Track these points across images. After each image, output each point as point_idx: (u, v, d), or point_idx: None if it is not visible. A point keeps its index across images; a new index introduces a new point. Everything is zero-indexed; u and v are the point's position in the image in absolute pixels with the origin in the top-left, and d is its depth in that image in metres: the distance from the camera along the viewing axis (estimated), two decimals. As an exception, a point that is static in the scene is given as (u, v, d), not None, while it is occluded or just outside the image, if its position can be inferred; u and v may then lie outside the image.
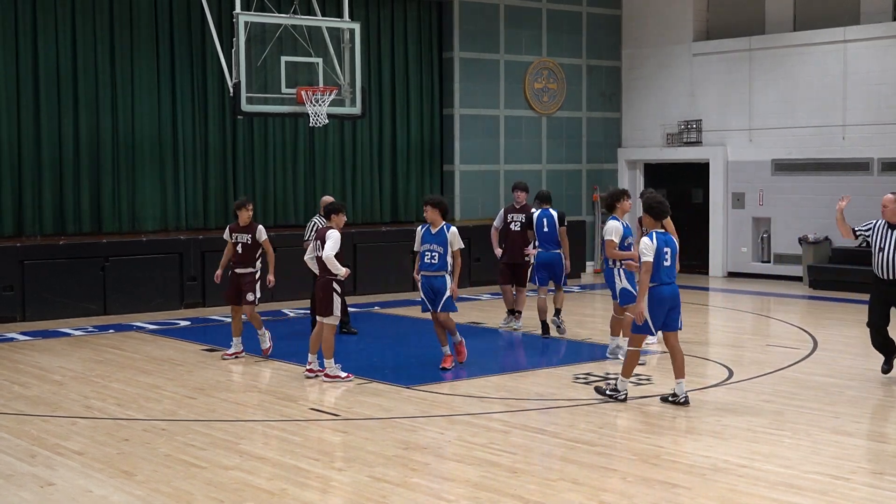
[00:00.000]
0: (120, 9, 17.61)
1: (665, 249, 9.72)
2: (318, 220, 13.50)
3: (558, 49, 22.18)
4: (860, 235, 11.13)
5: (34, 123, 17.00)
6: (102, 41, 17.51)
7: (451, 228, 11.52)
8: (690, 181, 22.13)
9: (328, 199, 13.59)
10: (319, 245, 11.13)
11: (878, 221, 10.97)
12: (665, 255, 9.71)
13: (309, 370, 11.34)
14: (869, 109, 19.30)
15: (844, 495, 7.24)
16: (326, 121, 15.89)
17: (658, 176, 22.75)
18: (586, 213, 22.58)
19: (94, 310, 16.06)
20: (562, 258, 13.86)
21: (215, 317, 15.90)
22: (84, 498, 7.31)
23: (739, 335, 14.71)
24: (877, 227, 10.95)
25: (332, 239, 11.00)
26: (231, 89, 15.57)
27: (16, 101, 16.84)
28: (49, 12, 17.01)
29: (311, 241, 12.26)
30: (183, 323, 15.53)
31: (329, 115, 15.90)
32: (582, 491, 7.35)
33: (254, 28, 15.66)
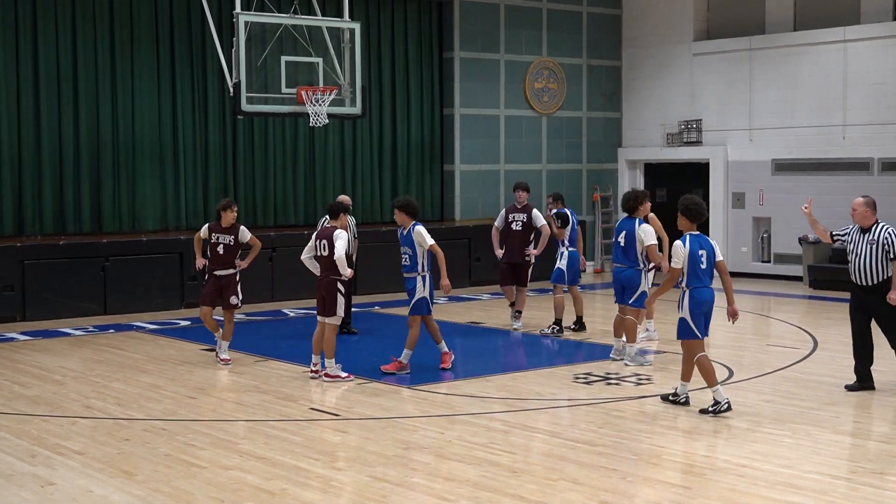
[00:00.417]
0: (120, 9, 17.62)
1: (700, 252, 9.45)
2: (349, 220, 13.68)
3: (558, 49, 22.18)
4: (837, 240, 10.79)
5: (34, 123, 17.00)
6: (102, 41, 17.51)
7: (416, 228, 11.42)
8: (691, 181, 22.11)
9: (346, 198, 13.76)
10: (325, 245, 11.10)
11: (853, 226, 10.61)
12: (700, 258, 9.44)
13: (314, 371, 11.33)
14: (869, 109, 19.29)
15: (845, 495, 7.24)
16: (326, 121, 15.89)
17: (658, 176, 22.75)
18: (587, 213, 22.57)
19: (95, 310, 16.06)
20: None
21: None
22: (84, 498, 7.31)
23: (739, 335, 14.70)
24: (851, 231, 10.60)
25: (342, 239, 11.03)
26: (231, 89, 15.58)
27: (16, 101, 16.84)
28: (49, 12, 17.01)
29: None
30: (183, 323, 15.52)
31: (329, 115, 15.90)
32: (582, 491, 7.35)
33: (254, 28, 15.66)
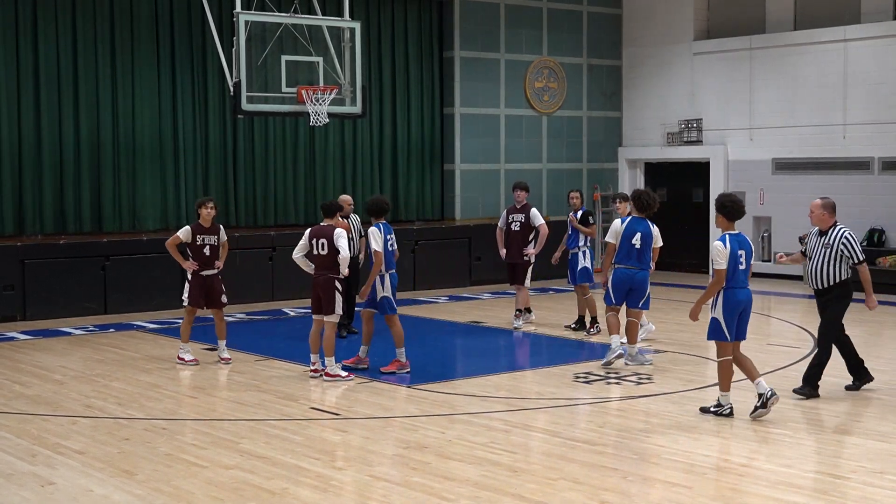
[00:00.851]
0: (120, 9, 17.61)
1: (739, 252, 9.28)
2: (353, 219, 13.80)
3: (559, 48, 22.17)
4: (804, 245, 10.61)
5: (35, 123, 17.00)
6: (103, 41, 17.51)
7: (370, 229, 11.41)
8: (691, 180, 22.12)
9: (347, 197, 13.87)
10: (324, 244, 11.09)
11: (814, 229, 10.44)
12: (740, 259, 9.26)
13: (313, 370, 11.33)
14: (869, 108, 19.29)
15: (845, 494, 7.24)
16: (327, 120, 15.88)
17: (659, 175, 22.75)
18: (587, 213, 22.55)
19: (95, 309, 16.06)
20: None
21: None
22: (85, 497, 7.31)
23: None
24: (811, 234, 10.45)
25: (344, 238, 11.04)
26: (231, 88, 15.56)
27: (16, 101, 16.83)
28: (49, 12, 17.00)
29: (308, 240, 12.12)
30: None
31: (329, 115, 15.89)
32: (582, 490, 7.35)
33: (254, 27, 15.65)
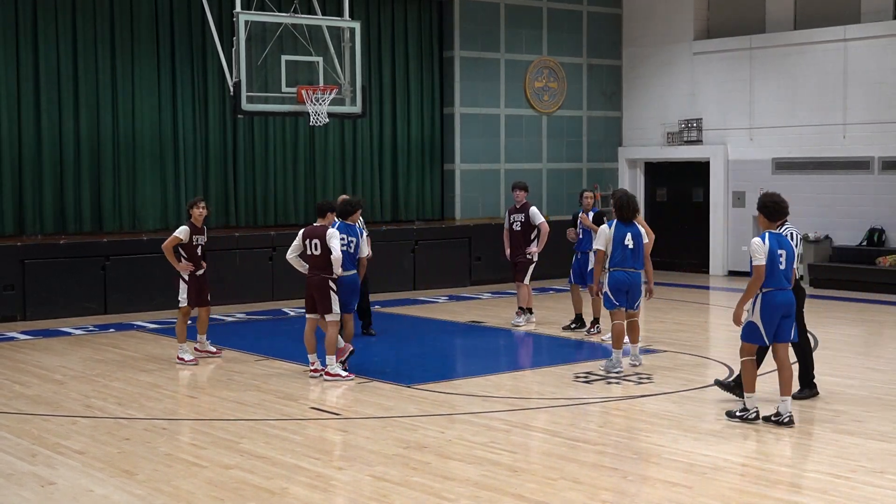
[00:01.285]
0: (120, 8, 17.62)
1: (779, 252, 8.97)
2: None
3: (559, 48, 22.17)
4: None
5: (35, 123, 17.00)
6: (103, 41, 17.51)
7: (328, 230, 11.43)
8: (691, 180, 22.12)
9: (346, 197, 13.77)
10: (317, 244, 11.09)
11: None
12: (779, 258, 8.96)
13: (313, 370, 11.32)
14: (869, 108, 19.29)
15: (845, 494, 7.24)
16: (327, 120, 15.88)
17: (659, 175, 22.76)
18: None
19: (95, 309, 16.06)
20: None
21: (216, 315, 15.87)
22: (85, 497, 7.31)
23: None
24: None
25: (337, 238, 11.02)
26: (231, 88, 15.56)
27: (16, 101, 16.84)
28: (49, 12, 17.00)
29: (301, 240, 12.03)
30: (183, 322, 15.51)
31: (329, 115, 15.89)
32: (582, 490, 7.35)
33: (254, 27, 15.65)
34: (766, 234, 9.04)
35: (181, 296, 12.20)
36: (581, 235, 14.27)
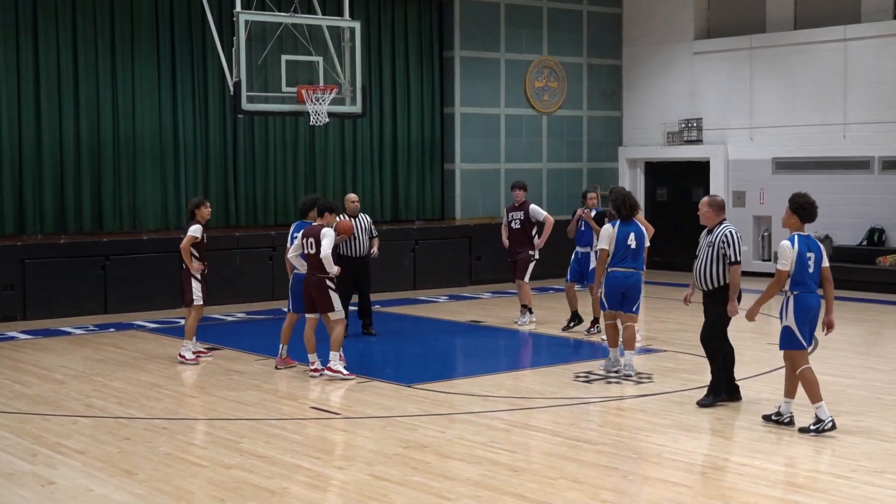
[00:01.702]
0: (120, 8, 17.62)
1: (808, 254, 8.84)
2: (363, 218, 13.81)
3: (559, 48, 22.17)
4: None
5: (35, 122, 17.01)
6: (103, 40, 17.51)
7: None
8: (691, 180, 22.12)
9: (352, 195, 13.93)
10: (312, 243, 11.09)
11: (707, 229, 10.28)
12: (808, 261, 8.81)
13: (313, 369, 11.32)
14: (870, 108, 19.29)
15: (845, 494, 7.24)
16: (327, 119, 15.89)
17: (659, 175, 22.76)
18: (587, 212, 22.56)
19: (95, 308, 16.06)
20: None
21: (216, 315, 15.89)
22: (85, 497, 7.31)
23: (740, 334, 14.69)
24: (702, 234, 10.29)
25: (328, 237, 11.00)
26: (231, 88, 15.57)
27: (16, 101, 16.84)
28: (50, 12, 17.01)
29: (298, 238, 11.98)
30: (183, 322, 15.49)
31: (329, 114, 15.89)
32: (582, 489, 7.35)
33: (254, 27, 15.66)
34: (795, 236, 8.90)
35: (196, 294, 12.28)
36: (583, 228, 14.06)
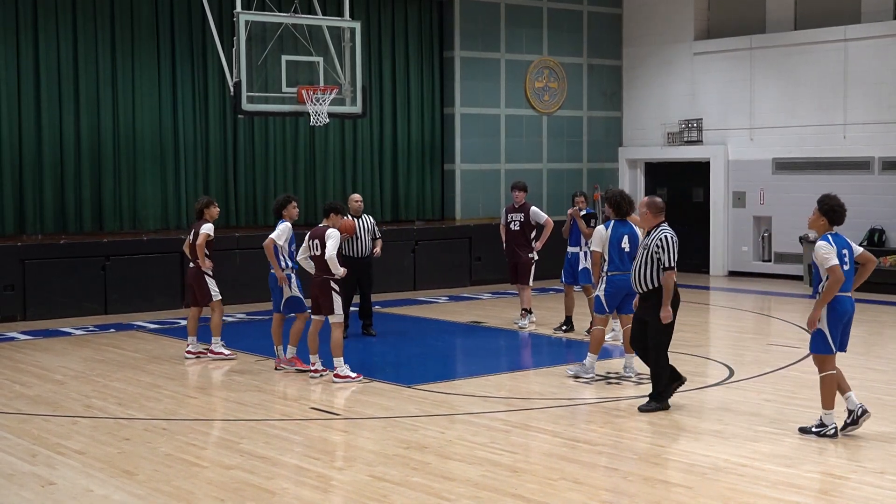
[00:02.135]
0: (121, 8, 17.62)
1: (843, 252, 8.53)
2: (366, 219, 13.88)
3: (559, 48, 22.17)
4: None
5: (35, 123, 17.01)
6: (103, 40, 17.52)
7: (281, 223, 11.84)
8: (691, 180, 22.12)
9: (356, 196, 14.01)
10: (317, 244, 11.10)
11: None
12: (844, 259, 8.51)
13: (314, 370, 11.32)
14: (870, 108, 19.29)
15: (845, 494, 7.24)
16: (327, 120, 15.89)
17: (659, 175, 22.75)
18: (587, 212, 22.55)
19: (95, 309, 16.05)
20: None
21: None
22: (85, 497, 7.31)
23: (740, 334, 14.71)
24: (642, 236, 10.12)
25: (333, 238, 10.99)
26: (232, 88, 15.58)
27: (17, 101, 16.85)
28: (50, 11, 17.01)
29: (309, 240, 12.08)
30: (184, 322, 15.46)
31: (330, 115, 15.89)
32: (582, 490, 7.35)
33: (254, 27, 15.66)
34: (829, 235, 8.65)
35: (214, 290, 12.44)
36: (572, 232, 13.88)
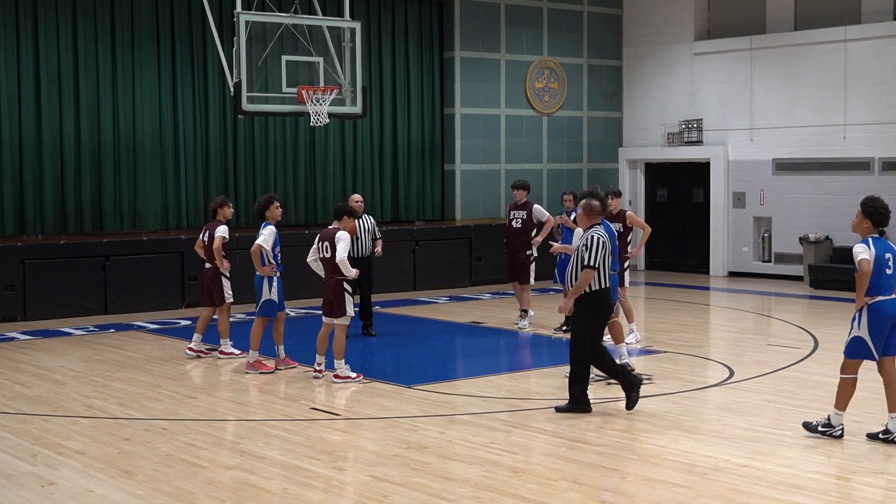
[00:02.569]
0: (121, 8, 17.62)
1: (886, 256, 8.42)
2: (367, 219, 13.94)
3: (559, 48, 22.18)
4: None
5: (35, 123, 17.01)
6: (103, 41, 17.52)
7: (266, 227, 11.78)
8: (691, 181, 22.12)
9: (356, 196, 13.99)
10: (327, 247, 11.07)
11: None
12: (887, 263, 8.41)
13: (317, 371, 11.31)
14: (870, 109, 19.29)
15: (845, 495, 7.24)
16: (327, 120, 15.89)
17: (659, 175, 22.76)
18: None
19: (95, 309, 16.05)
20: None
21: (216, 316, 15.86)
22: (85, 497, 7.32)
23: (740, 335, 14.71)
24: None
25: (344, 241, 10.99)
26: (232, 88, 15.58)
27: (17, 101, 16.85)
28: (50, 12, 17.01)
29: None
30: (184, 322, 15.52)
31: (330, 115, 15.90)
32: (583, 490, 7.36)
33: (254, 27, 15.66)
34: (869, 238, 8.54)
35: (228, 292, 12.54)
36: (563, 235, 14.04)
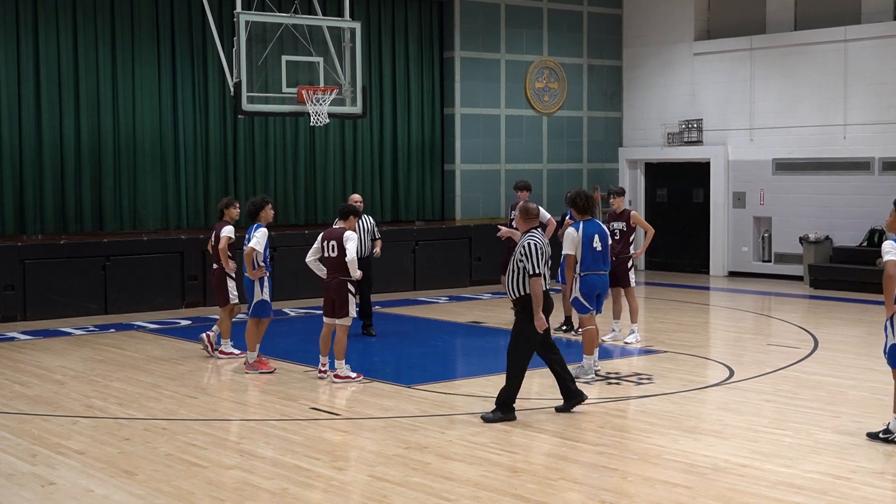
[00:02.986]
0: (121, 8, 17.62)
1: None
2: (366, 219, 13.90)
3: (559, 48, 22.18)
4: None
5: (35, 123, 17.01)
6: (103, 41, 17.52)
7: (258, 229, 11.70)
8: (691, 181, 22.12)
9: (356, 196, 13.95)
10: (334, 246, 11.03)
11: None
12: None
13: (322, 371, 11.30)
14: (870, 109, 19.29)
15: (845, 495, 7.24)
16: (327, 120, 15.90)
17: (659, 175, 22.76)
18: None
19: (95, 309, 16.06)
20: None
21: (216, 316, 15.87)
22: (85, 497, 7.32)
23: (740, 334, 14.71)
24: None
25: (353, 241, 10.95)
26: (232, 89, 15.59)
27: (17, 101, 16.85)
28: (50, 11, 17.02)
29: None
30: (184, 322, 15.52)
31: (330, 115, 15.90)
32: (582, 490, 7.36)
33: (254, 27, 15.67)
34: None
35: (233, 293, 12.44)
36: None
